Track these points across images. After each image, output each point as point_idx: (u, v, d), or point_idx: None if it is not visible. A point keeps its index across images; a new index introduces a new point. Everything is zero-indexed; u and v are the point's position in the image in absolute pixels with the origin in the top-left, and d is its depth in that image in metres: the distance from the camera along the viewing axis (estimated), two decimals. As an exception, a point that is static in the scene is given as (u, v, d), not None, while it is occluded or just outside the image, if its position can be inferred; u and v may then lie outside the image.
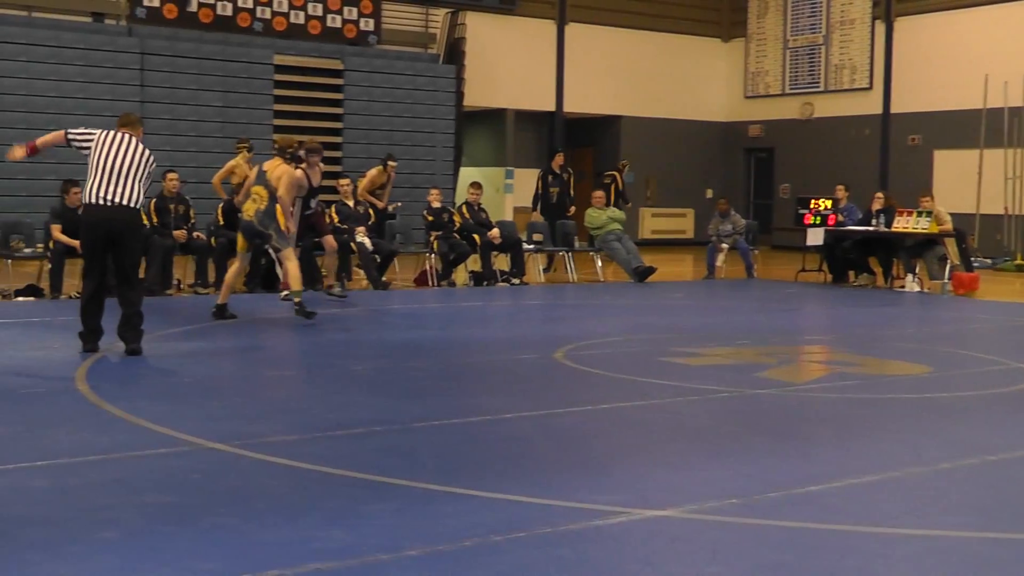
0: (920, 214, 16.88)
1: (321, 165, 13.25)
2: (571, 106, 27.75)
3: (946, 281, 16.68)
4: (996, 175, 23.52)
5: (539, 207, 19.53)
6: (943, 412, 7.77)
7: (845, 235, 17.99)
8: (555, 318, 13.01)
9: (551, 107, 27.56)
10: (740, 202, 28.21)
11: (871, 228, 17.59)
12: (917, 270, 17.07)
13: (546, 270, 18.62)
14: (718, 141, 30.03)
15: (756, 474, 5.70)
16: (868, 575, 4.30)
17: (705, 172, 29.82)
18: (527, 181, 27.67)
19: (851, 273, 18.15)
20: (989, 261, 22.92)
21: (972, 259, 18.51)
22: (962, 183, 23.47)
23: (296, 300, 11.56)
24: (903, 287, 16.98)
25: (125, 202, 9.20)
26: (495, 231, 16.69)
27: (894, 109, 26.65)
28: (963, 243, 17.29)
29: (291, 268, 11.71)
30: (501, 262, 17.27)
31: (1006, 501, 5.40)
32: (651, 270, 17.71)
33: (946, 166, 25.05)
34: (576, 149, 29.41)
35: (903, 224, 16.98)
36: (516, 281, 16.81)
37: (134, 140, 9.40)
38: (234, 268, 12.02)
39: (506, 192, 26.67)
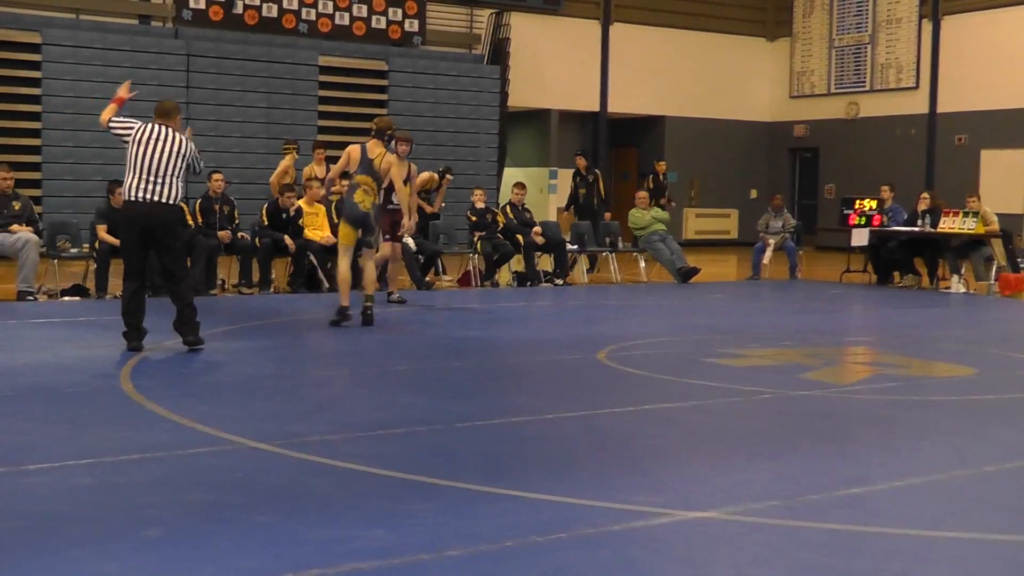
0: (966, 214, 16.72)
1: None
2: (615, 106, 27.70)
3: (992, 282, 16.52)
4: (1045, 174, 23.28)
5: (572, 208, 19.91)
6: (988, 414, 7.68)
7: (890, 235, 17.85)
8: (598, 319, 12.98)
9: (595, 107, 27.53)
10: (785, 202, 28.07)
11: (916, 229, 17.45)
12: (963, 271, 16.91)
13: (590, 271, 18.60)
14: (763, 141, 29.89)
15: (798, 476, 5.67)
16: (911, 578, 4.26)
17: (749, 172, 29.69)
18: (567, 183, 27.84)
19: (896, 274, 18.01)
20: (1037, 262, 22.69)
21: (1019, 260, 18.33)
22: (1009, 183, 23.23)
23: (370, 304, 11.34)
24: (948, 288, 16.83)
25: (162, 199, 9.26)
26: (537, 229, 16.70)
27: (940, 108, 26.42)
28: (1009, 244, 17.12)
29: (370, 269, 11.55)
30: (544, 263, 17.27)
31: (1053, 504, 5.34)
32: (695, 271, 17.65)
33: (993, 166, 24.81)
34: (620, 149, 29.37)
35: (949, 225, 16.82)
36: (559, 282, 16.80)
37: (171, 133, 9.44)
38: (343, 265, 11.45)
39: (550, 192, 26.67)
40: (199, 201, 14.67)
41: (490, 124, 24.22)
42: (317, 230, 14.87)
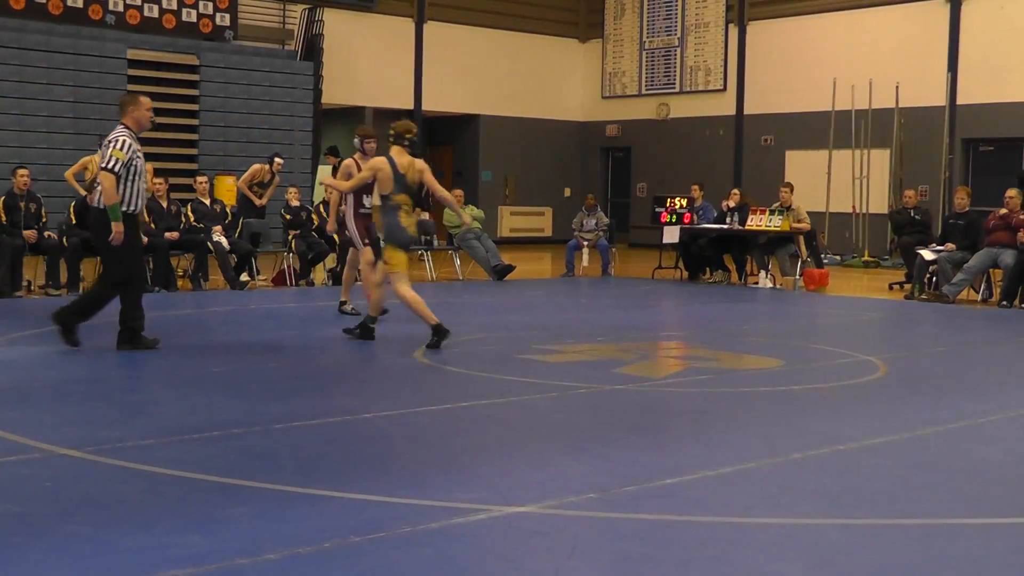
0: (773, 212, 17.28)
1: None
2: (430, 104, 27.75)
3: (798, 277, 17.12)
4: (844, 175, 24.19)
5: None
6: (795, 404, 7.96)
7: (700, 233, 18.33)
8: (414, 316, 12.96)
9: (410, 105, 27.52)
10: (598, 201, 28.52)
11: (726, 226, 17.95)
12: (770, 266, 17.48)
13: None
14: (576, 140, 30.33)
15: (614, 468, 5.77)
16: (724, 564, 4.38)
17: (563, 171, 30.09)
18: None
19: (706, 270, 18.51)
20: (838, 258, 23.61)
21: (822, 256, 19.03)
22: (813, 182, 24.08)
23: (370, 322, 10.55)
24: (756, 283, 17.37)
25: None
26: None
27: (747, 110, 27.24)
28: (813, 240, 17.76)
29: (407, 293, 10.13)
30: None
31: (854, 488, 5.55)
32: (510, 268, 17.80)
33: (797, 166, 25.69)
34: (435, 148, 29.41)
35: (757, 222, 17.36)
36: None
37: (110, 137, 9.31)
38: (406, 292, 10.17)
39: (365, 191, 26.51)
40: (2, 199, 14.14)
41: (304, 121, 23.98)
42: (127, 229, 14.48)
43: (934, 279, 15.87)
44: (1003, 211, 15.45)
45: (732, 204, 18.03)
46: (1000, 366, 10.25)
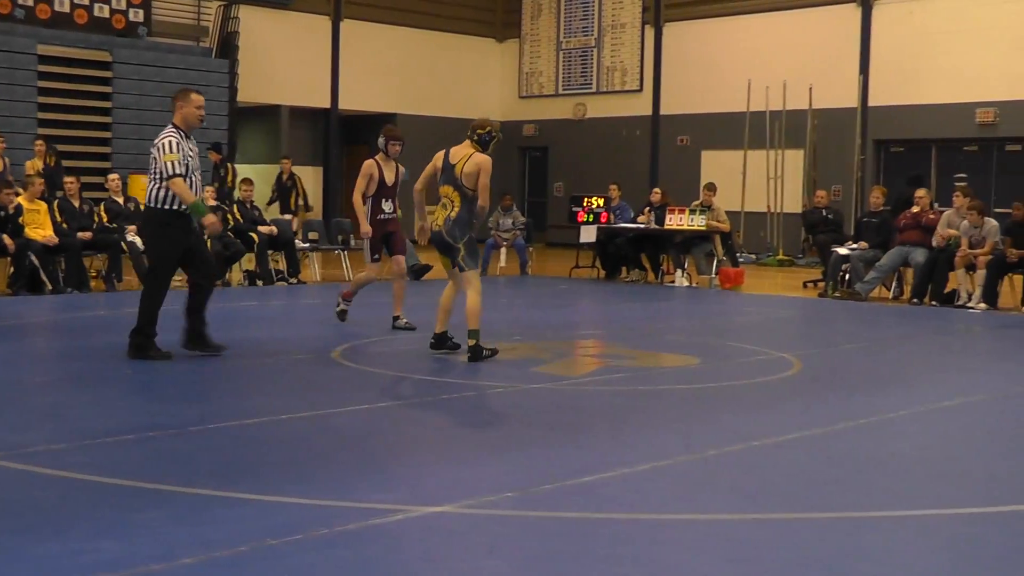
0: (693, 211, 17.43)
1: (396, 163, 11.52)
2: (347, 103, 27.60)
3: (713, 276, 17.29)
4: (759, 175, 24.48)
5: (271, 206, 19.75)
6: (711, 402, 8.04)
7: (617, 232, 18.44)
8: (331, 317, 12.89)
9: (327, 104, 27.36)
10: (515, 200, 28.57)
11: (642, 225, 18.09)
12: (686, 265, 17.63)
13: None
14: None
15: (531, 467, 5.78)
16: (641, 561, 4.41)
17: (481, 170, 30.04)
18: (302, 179, 27.43)
19: (623, 269, 18.62)
20: (753, 256, 23.87)
21: (737, 255, 19.23)
22: (728, 182, 24.31)
23: (472, 342, 9.25)
24: (673, 282, 17.51)
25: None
26: (272, 228, 16.48)
27: (663, 111, 27.44)
28: (729, 239, 17.95)
29: (472, 300, 9.34)
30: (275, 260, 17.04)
31: (768, 484, 5.62)
32: (427, 268, 17.75)
33: (713, 166, 25.92)
34: (353, 147, 29.23)
35: (676, 222, 17.51)
36: (292, 280, 16.62)
37: (158, 137, 9.07)
38: (447, 292, 9.85)
39: (282, 190, 26.32)
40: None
41: (219, 119, 23.68)
42: (39, 228, 14.24)
43: (847, 277, 16.12)
44: (914, 210, 15.75)
45: (656, 199, 18.25)
46: (910, 362, 10.43)
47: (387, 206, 11.31)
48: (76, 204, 15.09)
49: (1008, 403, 8.24)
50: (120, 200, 15.70)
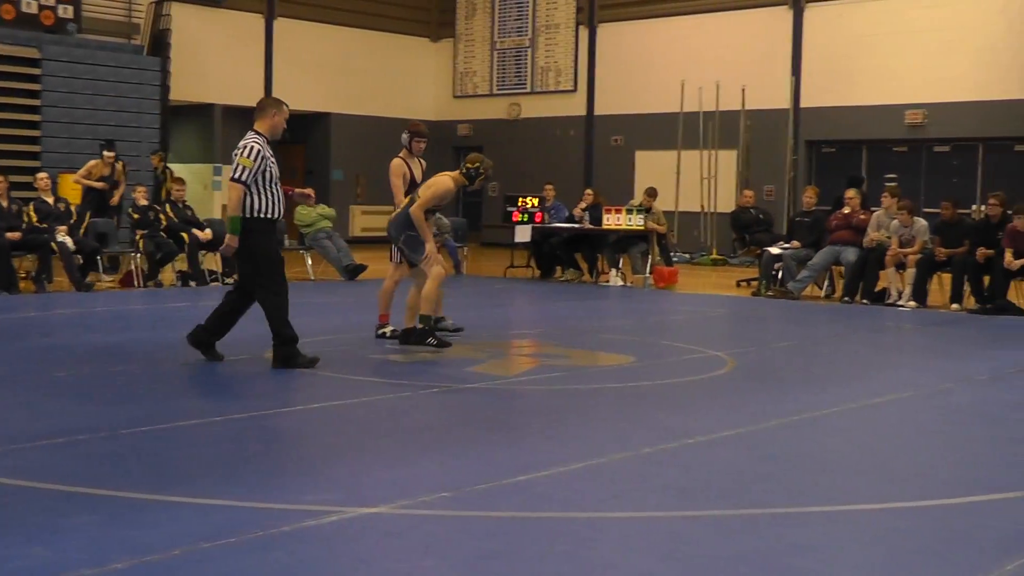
0: (630, 211, 17.52)
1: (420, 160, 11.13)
2: (281, 102, 27.41)
3: (648, 275, 17.38)
4: (693, 175, 24.62)
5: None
6: (645, 400, 8.08)
7: (552, 232, 18.48)
8: (264, 318, 12.80)
9: (260, 103, 27.16)
10: (449, 200, 28.56)
11: (577, 225, 18.15)
12: (621, 265, 17.71)
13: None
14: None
15: (467, 467, 5.78)
16: (577, 559, 4.42)
17: (416, 170, 29.97)
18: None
19: (558, 268, 18.67)
20: (687, 256, 24.03)
21: (672, 254, 19.35)
22: (661, 182, 24.40)
23: (421, 326, 9.94)
24: (607, 282, 17.57)
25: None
26: (207, 231, 16.33)
27: (597, 111, 27.54)
28: (663, 239, 18.06)
29: (427, 287, 10.01)
30: (210, 261, 16.89)
31: (703, 481, 5.65)
32: (362, 268, 17.70)
33: (647, 166, 26.07)
34: (286, 146, 29.07)
35: (613, 221, 17.58)
36: (229, 281, 16.46)
37: (242, 142, 8.96)
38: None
39: (215, 189, 26.09)
40: None
41: (152, 118, 23.45)
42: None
43: (780, 276, 16.27)
44: (845, 210, 15.94)
45: (587, 203, 18.29)
46: (842, 360, 10.54)
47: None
48: (4, 204, 14.86)
49: (936, 399, 8.36)
50: (50, 200, 15.48)
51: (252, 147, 8.88)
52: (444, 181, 10.32)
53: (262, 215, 8.85)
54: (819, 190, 17.66)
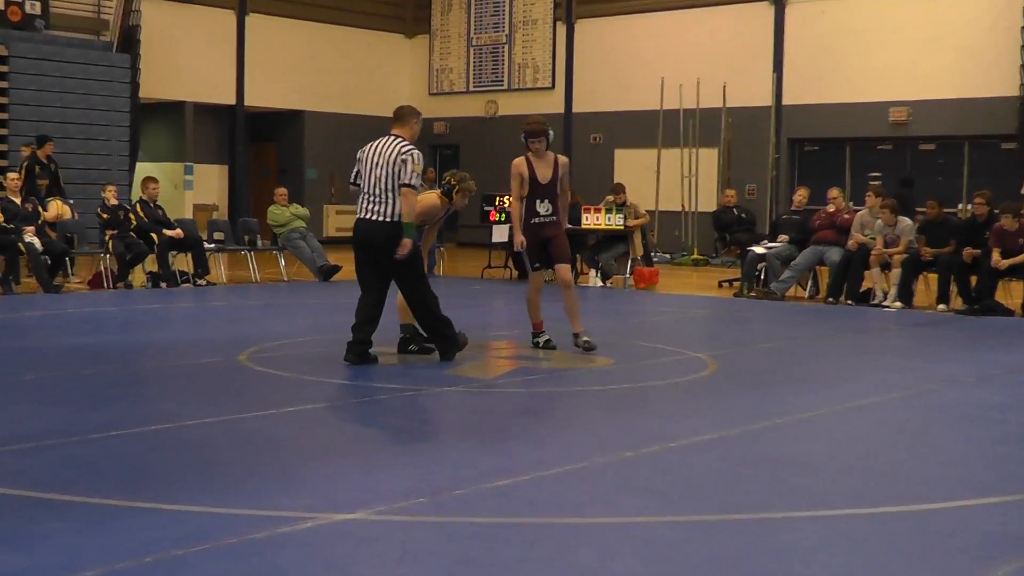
0: (610, 210, 17.55)
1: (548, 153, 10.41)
2: (253, 100, 27.38)
3: (628, 276, 17.41)
4: (673, 173, 24.70)
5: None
6: (626, 402, 8.10)
7: (530, 232, 18.47)
8: (239, 319, 12.80)
9: (232, 100, 27.11)
10: (439, 217, 28.55)
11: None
12: (600, 265, 17.73)
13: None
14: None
15: (444, 471, 5.79)
16: (557, 564, 4.44)
17: (392, 169, 29.92)
18: (208, 177, 27.16)
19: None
20: (668, 256, 24.09)
21: (652, 254, 19.40)
22: (642, 181, 24.52)
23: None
24: (587, 282, 17.60)
25: (375, 217, 9.11)
26: (178, 231, 16.30)
27: (576, 108, 27.58)
28: (644, 238, 18.09)
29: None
30: (181, 262, 16.86)
31: (685, 484, 5.68)
32: (336, 268, 17.68)
33: (627, 164, 26.12)
34: (259, 144, 29.04)
35: (593, 221, 17.62)
36: (201, 282, 16.45)
37: (388, 143, 9.21)
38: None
39: (186, 189, 26.06)
40: None
41: (121, 116, 23.35)
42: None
43: (762, 276, 16.32)
44: (829, 209, 16.01)
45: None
46: (826, 361, 10.59)
47: (542, 207, 10.29)
48: (-30, 204, 14.81)
49: (920, 400, 8.41)
50: (17, 200, 15.42)
51: (419, 155, 9.29)
52: (431, 198, 10.39)
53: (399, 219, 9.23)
54: (809, 191, 17.51)
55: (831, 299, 15.33)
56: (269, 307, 14.35)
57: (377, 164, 9.24)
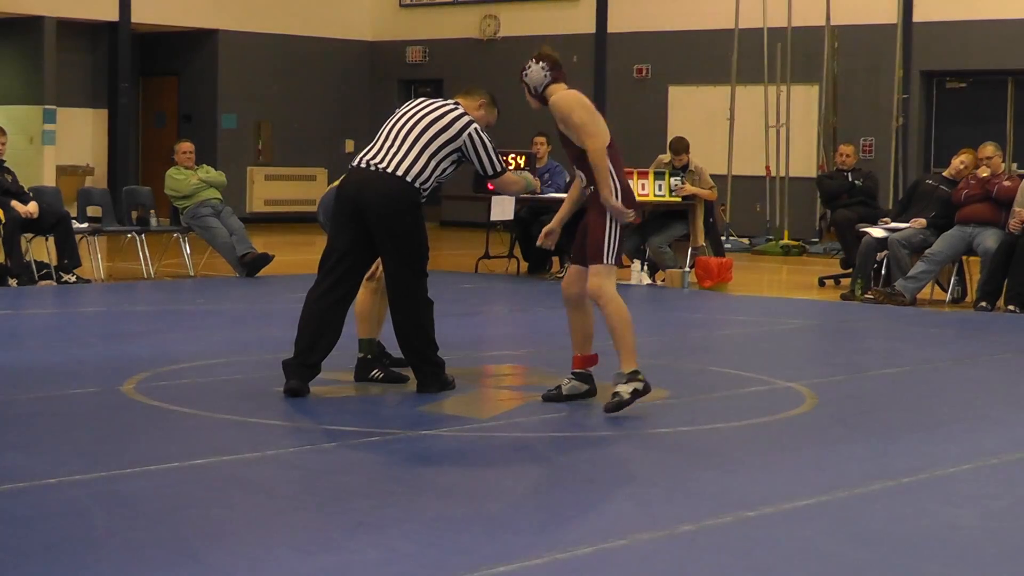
0: (662, 175, 17.51)
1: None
2: (142, 15, 27.34)
3: (688, 270, 17.37)
4: (754, 122, 24.63)
5: None
6: (685, 452, 8.10)
7: (546, 206, 18.44)
8: (123, 333, 12.80)
9: (112, 16, 27.09)
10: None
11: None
12: (648, 255, 17.69)
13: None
14: (362, 70, 30.26)
15: (420, 554, 5.78)
16: None
17: (344, 115, 29.95)
18: (77, 127, 27.11)
19: (555, 260, 18.63)
20: (746, 241, 24.07)
21: (723, 238, 19.38)
22: (707, 133, 24.47)
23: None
24: (628, 280, 17.57)
25: (387, 168, 9.23)
26: (33, 205, 16.26)
27: (612, 27, 27.52)
28: (710, 217, 18.06)
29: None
30: (39, 250, 16.82)
31: (769, 571, 5.68)
32: (265, 259, 17.65)
33: (685, 108, 26.08)
34: (152, 79, 29.08)
35: (636, 191, 17.59)
36: (68, 278, 16.40)
37: (448, 107, 9.64)
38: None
39: (45, 143, 26.05)
40: None
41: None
42: None
43: (884, 271, 16.26)
44: (981, 174, 15.82)
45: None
46: (975, 395, 10.57)
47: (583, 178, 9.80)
48: None
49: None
50: None
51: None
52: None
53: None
54: (975, 155, 16.97)
55: (984, 304, 15.28)
56: (168, 315, 14.34)
57: (417, 122, 9.42)
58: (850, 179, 18.11)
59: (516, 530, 6.23)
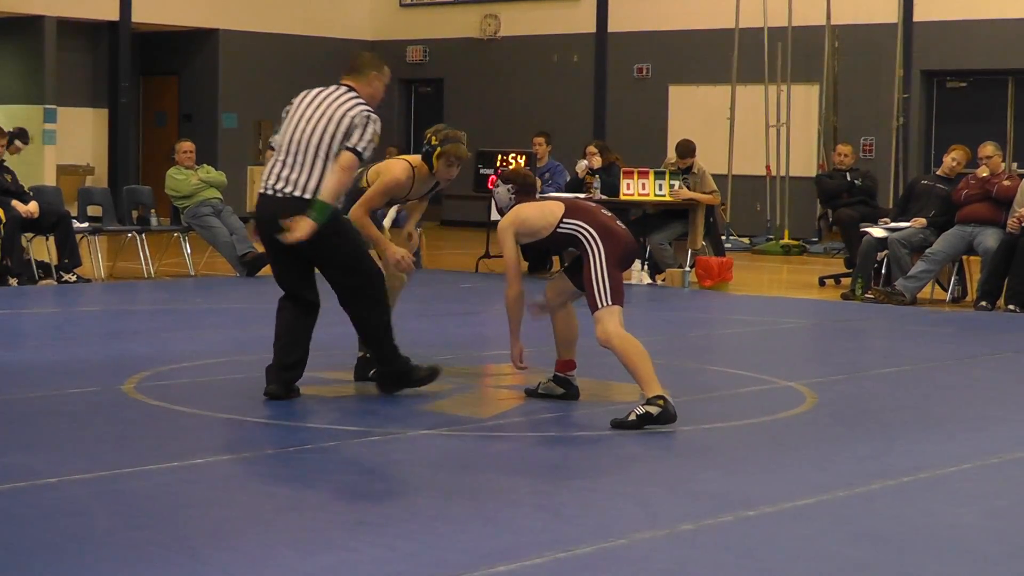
0: (662, 175, 17.51)
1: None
2: (144, 15, 27.32)
3: (688, 269, 17.36)
4: (755, 122, 24.61)
5: None
6: (685, 453, 8.12)
7: (547, 206, 18.44)
8: (124, 332, 12.81)
9: (113, 15, 27.07)
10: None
11: (582, 195, 18.13)
12: (649, 254, 17.69)
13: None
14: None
15: (420, 553, 5.78)
16: None
17: (345, 113, 29.91)
18: (78, 127, 27.10)
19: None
20: (746, 241, 24.05)
21: (723, 238, 19.37)
22: (707, 132, 24.43)
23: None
24: (628, 279, 17.56)
25: (294, 191, 8.98)
26: (34, 204, 16.26)
27: (613, 27, 27.49)
28: (711, 216, 18.05)
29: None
30: (39, 249, 16.82)
31: (769, 570, 5.67)
32: (265, 259, 17.61)
33: (685, 108, 26.07)
34: (152, 78, 29.06)
35: (636, 191, 17.58)
36: (69, 277, 16.39)
37: (339, 93, 9.07)
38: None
39: (45, 143, 26.03)
40: None
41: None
42: None
43: (884, 270, 16.25)
44: (981, 173, 15.85)
45: (597, 164, 18.23)
46: (975, 394, 10.57)
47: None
48: None
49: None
50: None
51: (378, 120, 9.14)
52: (394, 169, 9.94)
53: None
54: (969, 152, 17.02)
55: (984, 303, 15.28)
56: (168, 314, 14.35)
57: (311, 118, 9.08)
58: (849, 179, 18.11)
59: (516, 530, 6.23)
